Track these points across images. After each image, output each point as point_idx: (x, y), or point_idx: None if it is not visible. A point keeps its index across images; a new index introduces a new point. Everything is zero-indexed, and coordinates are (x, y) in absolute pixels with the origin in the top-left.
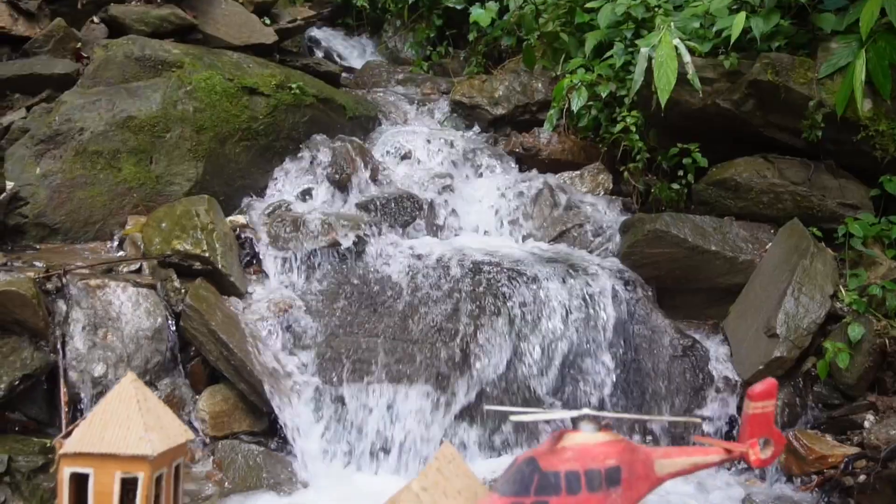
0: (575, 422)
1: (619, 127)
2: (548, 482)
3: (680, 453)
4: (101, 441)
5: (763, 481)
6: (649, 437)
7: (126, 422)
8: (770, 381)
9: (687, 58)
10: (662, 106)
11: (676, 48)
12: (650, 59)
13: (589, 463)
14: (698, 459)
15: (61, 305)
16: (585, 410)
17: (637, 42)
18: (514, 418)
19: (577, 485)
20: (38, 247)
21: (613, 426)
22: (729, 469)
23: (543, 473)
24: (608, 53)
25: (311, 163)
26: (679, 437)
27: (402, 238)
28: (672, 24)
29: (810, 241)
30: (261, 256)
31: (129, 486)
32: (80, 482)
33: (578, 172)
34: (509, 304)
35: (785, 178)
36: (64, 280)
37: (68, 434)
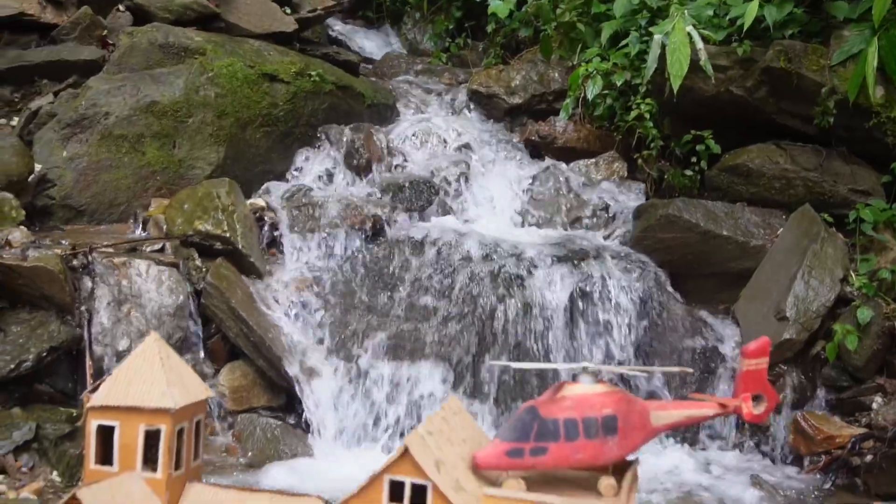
0: (575, 376)
1: (633, 114)
2: (547, 429)
3: (675, 406)
4: (126, 395)
5: (772, 461)
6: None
7: (149, 377)
8: (763, 339)
9: (700, 44)
10: (675, 92)
11: (690, 35)
12: (663, 45)
13: (587, 411)
14: (692, 412)
15: (87, 282)
16: (584, 364)
17: (651, 29)
18: (515, 366)
19: (574, 432)
20: (64, 227)
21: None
22: (741, 451)
23: (543, 420)
24: (623, 42)
25: (330, 148)
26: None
27: (417, 222)
28: (686, 12)
29: (821, 226)
30: (280, 238)
31: (152, 438)
32: (106, 434)
33: (593, 160)
34: (522, 288)
35: (797, 164)
36: (90, 258)
37: (95, 389)
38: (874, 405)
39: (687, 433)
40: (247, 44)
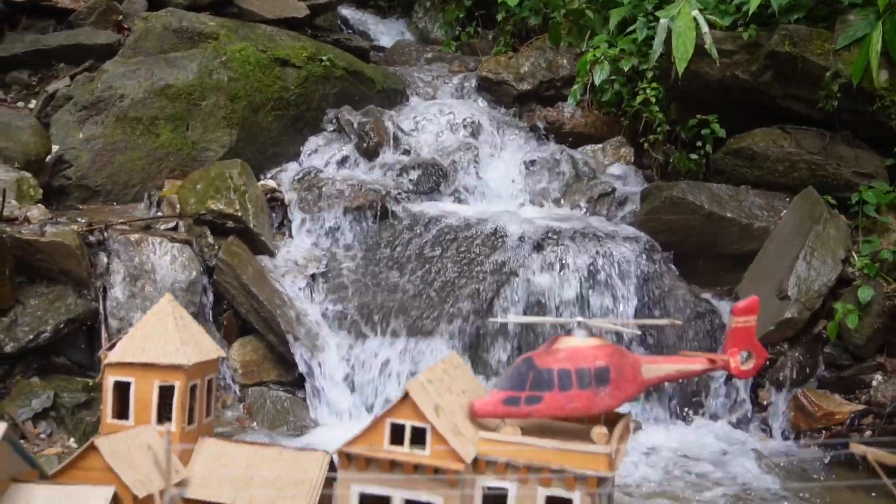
0: (570, 329)
1: (639, 99)
2: (542, 378)
3: (666, 360)
4: (142, 352)
5: (773, 438)
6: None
7: (164, 336)
8: (752, 298)
9: (705, 28)
10: (680, 74)
11: (695, 19)
12: (669, 29)
13: (580, 363)
14: (683, 367)
15: (103, 258)
16: (578, 318)
17: (657, 14)
18: (513, 320)
19: (568, 382)
20: (80, 207)
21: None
22: (744, 428)
23: (538, 370)
24: (630, 28)
25: (340, 132)
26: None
27: (425, 203)
28: None
29: (824, 208)
30: (290, 218)
31: (166, 395)
32: (122, 390)
33: (601, 145)
34: (529, 266)
35: (801, 147)
36: (105, 234)
37: (112, 347)
38: (874, 383)
39: (691, 410)
40: (259, 29)
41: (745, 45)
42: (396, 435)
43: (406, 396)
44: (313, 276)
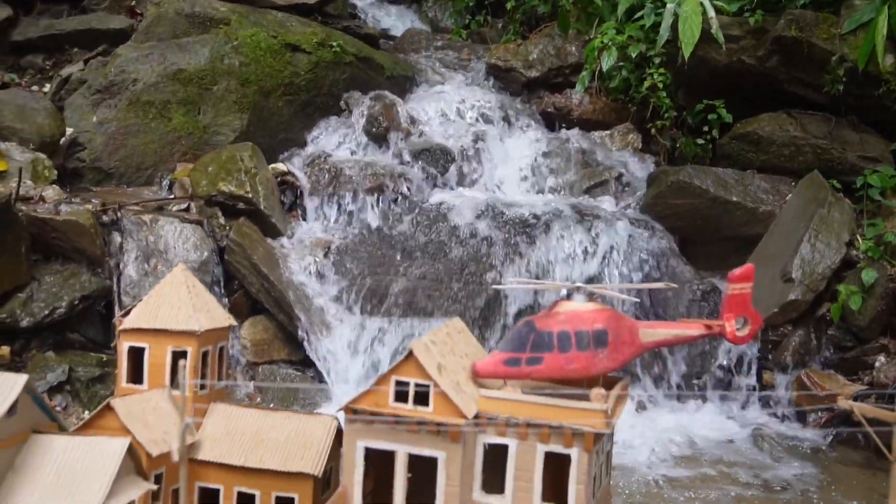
0: (570, 294)
1: (646, 84)
2: (542, 340)
3: (663, 325)
4: (156, 319)
5: (776, 418)
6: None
7: (177, 303)
8: (748, 266)
9: (711, 13)
10: (686, 58)
11: (701, 4)
12: (676, 14)
13: (579, 325)
14: (679, 332)
15: (116, 237)
16: (578, 284)
17: (665, 0)
18: (514, 286)
19: (567, 343)
20: (94, 189)
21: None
22: (746, 408)
23: (538, 332)
24: (638, 14)
25: (350, 117)
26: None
27: (433, 187)
28: None
29: (828, 192)
30: (301, 201)
31: (179, 359)
32: (136, 355)
33: (609, 132)
34: (533, 249)
35: (807, 131)
36: (119, 214)
37: (127, 313)
38: (877, 364)
39: (696, 392)
40: (270, 14)
41: (752, 31)
42: (401, 393)
43: (410, 355)
44: (324, 256)
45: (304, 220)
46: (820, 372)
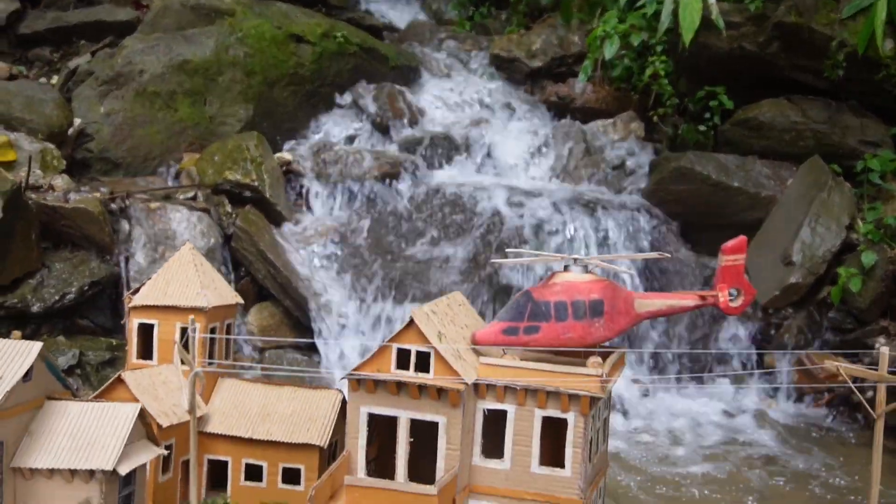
0: (567, 266)
1: (648, 72)
2: (539, 310)
3: (658, 296)
4: (164, 296)
5: (777, 399)
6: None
7: (185, 281)
8: (740, 238)
9: None
10: (687, 45)
11: None
12: (676, 2)
13: (575, 295)
14: (674, 302)
15: (125, 225)
16: (574, 256)
17: None
18: (513, 260)
19: (564, 313)
20: (102, 179)
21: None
22: (747, 389)
23: (536, 303)
24: (640, 2)
25: (355, 107)
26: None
27: (437, 174)
28: None
29: (829, 176)
30: (306, 189)
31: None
32: (146, 332)
33: (612, 120)
34: (538, 235)
35: (807, 117)
36: (127, 202)
37: (136, 291)
38: (877, 345)
39: (699, 377)
40: (274, 6)
41: (752, 17)
42: (402, 360)
43: (411, 323)
44: (329, 243)
45: (310, 207)
46: (820, 353)
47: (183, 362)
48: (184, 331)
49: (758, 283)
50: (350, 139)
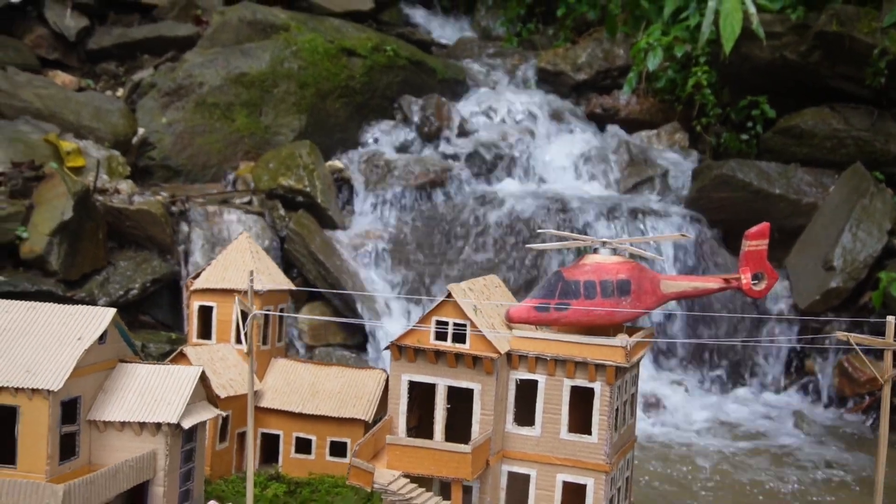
0: (596, 249)
1: (691, 82)
2: (569, 288)
3: (684, 278)
4: (223, 280)
5: (817, 403)
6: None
7: (242, 266)
8: (764, 224)
9: (752, 9)
10: (727, 54)
11: (742, 1)
12: (717, 12)
13: (604, 275)
14: (699, 284)
15: (184, 227)
16: (604, 239)
17: None
18: (544, 247)
19: (593, 291)
20: (163, 186)
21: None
22: (788, 393)
23: (566, 281)
24: (683, 14)
25: (403, 118)
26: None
27: (483, 183)
28: None
29: (870, 182)
30: (356, 195)
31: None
32: (206, 313)
33: (655, 131)
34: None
35: (849, 124)
36: (187, 205)
37: (197, 276)
38: None
39: (738, 378)
40: (327, 21)
41: (794, 27)
42: (440, 332)
43: (449, 297)
44: (377, 248)
45: (359, 213)
46: (861, 357)
47: (241, 340)
48: (242, 313)
49: (798, 288)
50: (398, 149)
